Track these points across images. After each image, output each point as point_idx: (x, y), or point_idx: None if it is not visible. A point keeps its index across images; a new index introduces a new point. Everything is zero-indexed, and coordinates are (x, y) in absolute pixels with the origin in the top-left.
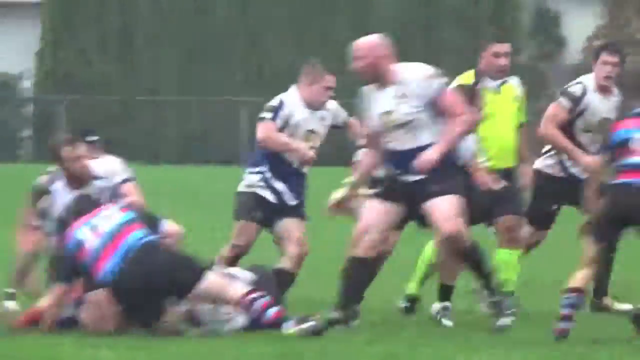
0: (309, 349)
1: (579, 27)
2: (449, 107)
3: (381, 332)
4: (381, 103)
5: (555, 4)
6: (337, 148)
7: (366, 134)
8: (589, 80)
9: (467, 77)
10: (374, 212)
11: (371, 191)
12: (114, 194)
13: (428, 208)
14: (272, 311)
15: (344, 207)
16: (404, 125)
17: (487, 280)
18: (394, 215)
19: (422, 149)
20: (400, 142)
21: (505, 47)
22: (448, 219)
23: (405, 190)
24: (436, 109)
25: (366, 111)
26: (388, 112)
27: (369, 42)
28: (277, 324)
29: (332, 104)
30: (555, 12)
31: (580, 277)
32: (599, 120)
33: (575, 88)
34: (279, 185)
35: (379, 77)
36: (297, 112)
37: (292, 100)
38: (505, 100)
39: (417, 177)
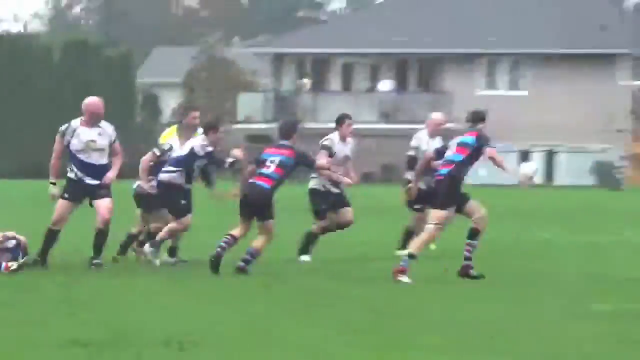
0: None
1: (173, 102)
2: (115, 150)
3: (72, 278)
4: (89, 134)
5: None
6: None
7: (60, 149)
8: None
9: (171, 130)
10: (63, 207)
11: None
12: None
13: (97, 202)
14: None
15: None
16: (99, 150)
17: (97, 249)
18: (73, 209)
19: (102, 165)
20: (92, 159)
21: (198, 113)
22: (107, 210)
23: (87, 189)
24: (113, 148)
25: (73, 137)
26: (93, 141)
27: (102, 101)
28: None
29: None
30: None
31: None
32: (342, 157)
33: (327, 141)
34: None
35: (99, 121)
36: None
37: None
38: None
39: (95, 182)
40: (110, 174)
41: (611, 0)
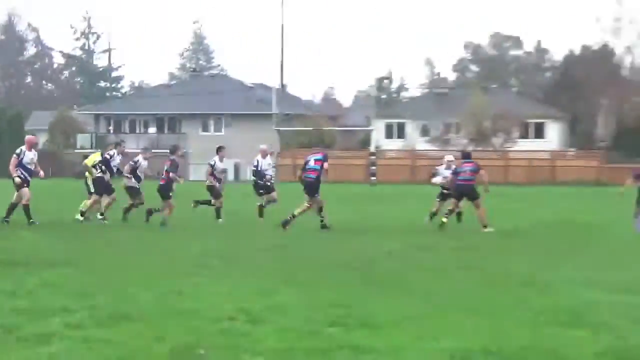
0: None
1: (43, 139)
2: (37, 163)
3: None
4: (30, 155)
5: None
6: None
7: (16, 162)
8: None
9: (96, 154)
10: (27, 191)
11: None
12: None
13: (27, 191)
14: None
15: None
16: (33, 163)
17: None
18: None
19: (33, 170)
20: (31, 167)
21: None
22: (29, 195)
23: (28, 183)
24: (36, 162)
25: (25, 156)
26: (32, 158)
27: (36, 136)
28: None
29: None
30: (35, 134)
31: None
32: (223, 171)
33: (212, 161)
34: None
35: (33, 147)
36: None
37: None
38: (93, 159)
39: (30, 179)
40: (42, 173)
41: (267, 87)
